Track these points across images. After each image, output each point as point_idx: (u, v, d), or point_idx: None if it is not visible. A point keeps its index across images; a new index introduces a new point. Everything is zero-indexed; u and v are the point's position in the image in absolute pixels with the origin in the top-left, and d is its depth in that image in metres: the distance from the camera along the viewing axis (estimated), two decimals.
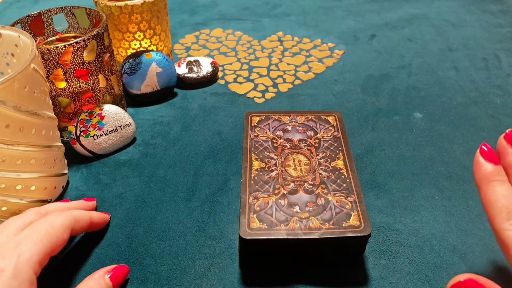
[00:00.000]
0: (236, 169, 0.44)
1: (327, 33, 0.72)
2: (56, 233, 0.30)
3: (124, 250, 0.36)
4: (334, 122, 0.43)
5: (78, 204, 0.37)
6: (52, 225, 0.31)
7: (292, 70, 0.62)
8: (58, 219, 0.31)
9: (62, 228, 0.31)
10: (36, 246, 0.29)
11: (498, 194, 0.27)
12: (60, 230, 0.31)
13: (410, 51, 0.66)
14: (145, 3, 0.53)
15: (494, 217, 0.27)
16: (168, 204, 0.41)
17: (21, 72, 0.32)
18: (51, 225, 0.30)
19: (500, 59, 0.64)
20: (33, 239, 0.29)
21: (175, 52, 0.67)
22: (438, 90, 0.57)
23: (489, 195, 0.28)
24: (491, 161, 0.29)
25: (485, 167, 0.29)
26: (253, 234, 0.32)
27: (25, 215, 0.32)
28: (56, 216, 0.32)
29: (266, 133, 0.42)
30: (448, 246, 0.36)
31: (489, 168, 0.29)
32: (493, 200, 0.27)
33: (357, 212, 0.33)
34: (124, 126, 0.46)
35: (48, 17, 0.48)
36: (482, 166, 0.29)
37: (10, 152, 0.33)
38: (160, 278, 0.34)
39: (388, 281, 0.34)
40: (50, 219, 0.31)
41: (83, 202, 0.38)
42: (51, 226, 0.30)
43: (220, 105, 0.54)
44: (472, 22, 0.75)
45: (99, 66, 0.45)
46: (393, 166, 0.45)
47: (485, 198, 0.28)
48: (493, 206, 0.27)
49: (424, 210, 0.40)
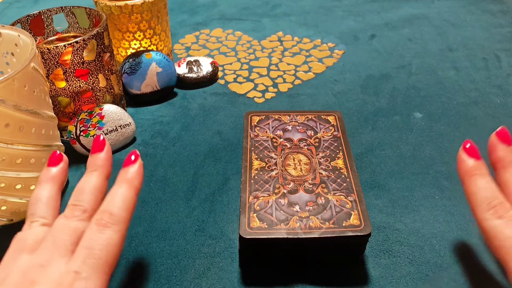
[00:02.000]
0: (236, 168, 0.44)
1: (327, 33, 0.72)
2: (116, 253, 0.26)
3: (124, 249, 0.36)
4: (334, 122, 0.43)
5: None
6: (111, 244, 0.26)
7: (292, 70, 0.62)
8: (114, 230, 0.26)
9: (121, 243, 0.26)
10: (99, 278, 0.24)
11: (479, 187, 0.29)
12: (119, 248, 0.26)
13: (410, 51, 0.66)
14: (145, 3, 0.53)
15: (475, 208, 0.28)
16: (168, 203, 0.41)
17: (21, 71, 0.32)
18: (110, 245, 0.26)
19: (500, 59, 0.64)
20: (93, 270, 0.24)
21: (175, 52, 0.67)
22: (438, 90, 0.57)
23: (471, 187, 0.29)
24: (473, 157, 0.31)
25: (467, 163, 0.30)
26: (253, 234, 0.32)
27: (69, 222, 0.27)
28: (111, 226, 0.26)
29: (266, 133, 0.41)
30: (449, 246, 0.36)
31: (471, 163, 0.30)
32: (474, 192, 0.29)
33: (357, 211, 0.33)
34: (124, 125, 0.46)
35: (48, 16, 0.48)
36: (464, 161, 0.31)
37: (10, 151, 0.33)
38: (160, 278, 0.34)
39: (388, 280, 0.34)
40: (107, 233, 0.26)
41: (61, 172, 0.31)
42: (111, 246, 0.26)
43: (220, 105, 0.54)
44: (472, 22, 0.75)
45: (99, 66, 0.45)
46: (393, 166, 0.45)
47: (468, 191, 0.29)
48: (475, 198, 0.29)
49: (424, 210, 0.40)
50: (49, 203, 0.29)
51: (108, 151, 0.31)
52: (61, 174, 0.31)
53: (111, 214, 0.27)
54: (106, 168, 0.31)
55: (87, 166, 0.31)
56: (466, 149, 0.31)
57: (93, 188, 0.29)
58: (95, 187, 0.29)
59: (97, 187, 0.29)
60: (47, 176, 0.30)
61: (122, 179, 0.30)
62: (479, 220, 0.28)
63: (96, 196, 0.29)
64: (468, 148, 0.31)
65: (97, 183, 0.29)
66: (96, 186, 0.29)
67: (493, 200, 0.28)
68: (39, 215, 0.28)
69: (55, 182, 0.30)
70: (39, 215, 0.28)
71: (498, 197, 0.28)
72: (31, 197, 0.29)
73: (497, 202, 0.28)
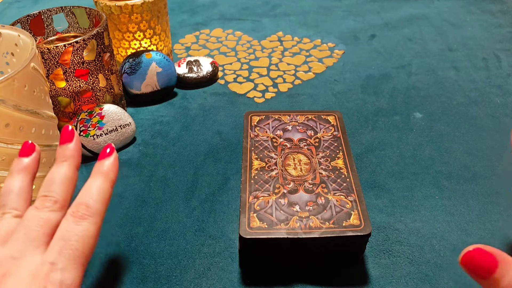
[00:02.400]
0: (236, 168, 0.44)
1: (327, 33, 0.72)
2: (92, 245, 0.26)
3: (124, 249, 0.36)
4: (334, 122, 0.43)
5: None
6: (87, 236, 0.25)
7: (292, 70, 0.62)
8: (90, 222, 0.26)
9: (96, 234, 0.26)
10: (76, 270, 0.24)
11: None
12: (95, 239, 0.26)
13: (410, 51, 0.66)
14: (145, 3, 0.53)
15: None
16: (168, 203, 0.41)
17: (21, 71, 0.32)
18: (86, 236, 0.25)
19: (500, 59, 0.64)
20: (69, 260, 0.24)
21: (175, 52, 0.67)
22: (438, 90, 0.57)
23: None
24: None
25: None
26: (253, 233, 0.32)
27: (40, 213, 0.26)
28: (87, 218, 0.26)
29: (266, 133, 0.41)
30: (449, 246, 0.36)
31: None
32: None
33: (357, 211, 0.33)
34: (124, 125, 0.46)
35: (48, 16, 0.48)
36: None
37: (10, 151, 0.33)
38: (160, 278, 0.34)
39: (388, 280, 0.34)
40: (83, 225, 0.26)
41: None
42: (87, 238, 0.25)
43: (220, 105, 0.54)
44: (472, 22, 0.75)
45: (99, 66, 0.45)
46: (393, 166, 0.45)
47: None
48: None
49: (424, 210, 0.40)
50: (21, 194, 0.28)
51: (77, 141, 0.31)
52: (34, 165, 0.30)
53: (87, 206, 0.27)
54: (76, 159, 0.30)
55: (56, 157, 0.30)
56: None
57: (64, 179, 0.28)
58: (66, 178, 0.28)
59: (68, 177, 0.29)
60: (19, 166, 0.29)
61: (98, 171, 0.29)
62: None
63: (67, 187, 0.28)
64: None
65: (68, 174, 0.29)
66: (66, 177, 0.29)
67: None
68: (11, 207, 0.28)
69: (28, 173, 0.29)
70: (11, 206, 0.28)
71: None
72: (3, 187, 0.29)
73: None
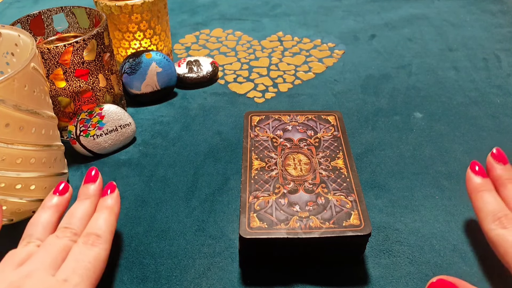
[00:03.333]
0: (236, 168, 0.44)
1: (327, 33, 0.72)
2: (102, 267, 0.28)
3: (124, 249, 0.36)
4: (334, 122, 0.43)
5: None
6: (97, 259, 0.28)
7: (292, 70, 0.62)
8: (101, 248, 0.29)
9: (106, 259, 0.29)
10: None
11: (485, 201, 0.32)
12: (104, 263, 0.29)
13: (410, 51, 0.66)
14: (145, 3, 0.53)
15: (482, 220, 0.32)
16: (168, 203, 0.41)
17: (21, 71, 0.32)
18: (97, 259, 0.28)
19: (500, 59, 0.64)
20: (82, 278, 0.27)
21: (175, 52, 0.67)
22: (438, 90, 0.57)
23: (478, 202, 0.33)
24: (480, 175, 0.34)
25: (475, 180, 0.34)
26: (253, 233, 0.32)
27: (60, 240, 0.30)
28: (98, 245, 0.29)
29: (266, 133, 0.41)
30: (449, 246, 0.36)
31: (478, 180, 0.34)
32: (481, 206, 0.32)
33: (357, 211, 0.33)
34: (124, 125, 0.46)
35: (48, 16, 0.48)
36: (472, 179, 0.34)
37: (10, 151, 0.33)
38: (160, 278, 0.34)
39: (388, 280, 0.34)
40: (95, 250, 0.29)
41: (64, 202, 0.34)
42: (97, 261, 0.28)
43: (220, 105, 0.54)
44: (472, 22, 0.75)
45: (99, 66, 0.45)
46: (393, 166, 0.45)
47: (475, 205, 0.33)
48: (482, 211, 0.32)
49: (424, 210, 0.40)
50: (47, 227, 0.31)
51: (100, 183, 0.35)
52: (64, 204, 0.34)
53: (98, 235, 0.30)
54: (97, 198, 0.34)
55: (79, 194, 0.34)
56: (473, 168, 0.35)
57: (84, 214, 0.32)
58: (85, 214, 0.32)
59: (87, 214, 0.33)
60: (51, 203, 0.33)
61: (103, 206, 0.33)
62: (485, 231, 0.31)
63: (86, 221, 0.32)
64: (475, 168, 0.35)
65: (88, 210, 0.33)
66: (86, 213, 0.33)
67: (498, 213, 0.31)
68: (36, 237, 0.30)
69: (57, 210, 0.33)
70: (36, 237, 0.31)
71: (502, 209, 0.31)
72: (32, 218, 0.32)
73: (502, 214, 0.31)
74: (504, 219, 0.30)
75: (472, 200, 0.34)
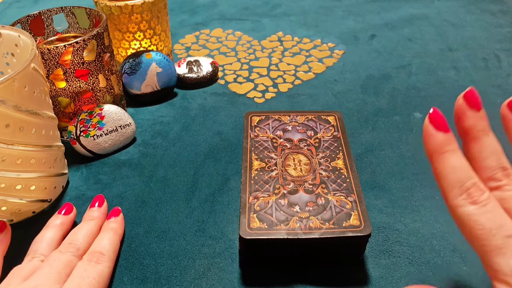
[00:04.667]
0: (236, 169, 0.44)
1: (327, 33, 0.72)
2: (105, 283, 0.30)
3: (124, 250, 0.36)
4: (334, 122, 0.43)
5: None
6: (102, 275, 0.30)
7: (292, 70, 0.62)
8: (105, 266, 0.31)
9: (109, 276, 0.31)
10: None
11: (450, 166, 0.25)
12: (107, 280, 0.30)
13: (410, 51, 0.66)
14: (145, 3, 0.53)
15: (446, 192, 0.25)
16: (168, 204, 0.41)
17: (21, 72, 0.32)
18: (101, 276, 0.30)
19: (500, 59, 0.64)
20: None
21: (175, 52, 0.67)
22: (438, 90, 0.57)
23: (441, 168, 0.25)
24: (442, 129, 0.26)
25: (436, 137, 0.26)
26: (253, 234, 0.32)
27: (64, 255, 0.31)
28: (102, 263, 0.31)
29: (266, 133, 0.41)
30: (449, 246, 0.36)
31: (440, 137, 0.25)
32: (445, 173, 0.25)
33: (357, 211, 0.33)
34: (124, 126, 0.46)
35: (48, 17, 0.48)
36: (432, 136, 0.26)
37: (10, 151, 0.33)
38: (160, 278, 0.34)
39: (388, 281, 0.34)
40: (99, 267, 0.30)
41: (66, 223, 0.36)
42: (101, 277, 0.30)
43: (220, 105, 0.54)
44: (472, 22, 0.75)
45: (99, 66, 0.45)
46: (393, 166, 0.45)
47: (437, 171, 0.25)
48: (445, 181, 0.25)
49: (424, 210, 0.40)
50: (52, 244, 0.33)
51: (105, 207, 0.38)
52: (68, 223, 0.36)
53: (102, 253, 0.32)
54: (101, 220, 0.36)
55: (84, 217, 0.37)
56: (433, 119, 0.26)
57: (88, 233, 0.34)
58: (89, 233, 0.34)
59: (92, 233, 0.34)
60: (56, 222, 0.35)
61: (108, 228, 0.35)
62: (451, 207, 0.24)
63: (89, 239, 0.34)
64: (435, 118, 0.26)
65: (92, 230, 0.35)
66: (90, 232, 0.34)
67: (466, 182, 0.24)
68: (40, 253, 0.32)
69: (61, 229, 0.35)
70: (40, 252, 0.32)
71: (471, 177, 0.24)
72: (37, 236, 0.34)
73: (471, 183, 0.24)
74: (474, 190, 0.24)
75: (432, 163, 0.26)
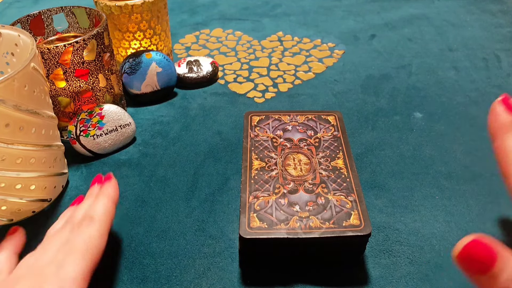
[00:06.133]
0: (236, 168, 0.44)
1: (327, 33, 0.72)
2: (96, 245, 0.30)
3: (124, 249, 0.36)
4: (334, 122, 0.43)
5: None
6: (90, 237, 0.30)
7: (292, 70, 0.62)
8: (93, 229, 0.31)
9: (100, 238, 0.30)
10: (79, 265, 0.28)
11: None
12: (98, 240, 0.30)
13: (410, 51, 0.66)
14: (145, 3, 0.53)
15: (508, 169, 0.25)
16: (168, 203, 0.41)
17: (21, 71, 0.32)
18: (89, 237, 0.30)
19: (500, 59, 0.64)
20: (75, 257, 0.28)
21: (175, 52, 0.67)
22: (438, 90, 0.57)
23: (505, 145, 0.26)
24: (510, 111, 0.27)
25: (503, 117, 0.27)
26: (253, 234, 0.32)
27: (61, 233, 0.31)
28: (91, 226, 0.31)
29: (266, 133, 0.41)
30: (449, 246, 0.36)
31: (508, 118, 0.27)
32: (509, 151, 0.26)
33: (357, 211, 0.33)
34: (124, 125, 0.46)
35: (48, 16, 0.48)
36: (499, 115, 0.27)
37: (10, 151, 0.33)
38: (160, 278, 0.34)
39: (388, 280, 0.34)
40: (87, 230, 0.30)
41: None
42: (89, 238, 0.30)
43: (220, 105, 0.54)
44: (472, 22, 0.75)
45: (99, 66, 0.45)
46: (393, 166, 0.45)
47: (500, 148, 0.27)
48: (508, 157, 0.26)
49: (424, 210, 0.40)
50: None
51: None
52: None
53: (92, 218, 0.31)
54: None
55: (87, 195, 0.36)
56: (504, 101, 0.28)
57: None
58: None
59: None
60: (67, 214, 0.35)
61: (100, 193, 0.34)
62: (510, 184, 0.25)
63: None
64: (505, 100, 0.28)
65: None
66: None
67: None
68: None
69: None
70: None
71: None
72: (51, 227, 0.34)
73: None
74: None
75: (495, 141, 0.27)
